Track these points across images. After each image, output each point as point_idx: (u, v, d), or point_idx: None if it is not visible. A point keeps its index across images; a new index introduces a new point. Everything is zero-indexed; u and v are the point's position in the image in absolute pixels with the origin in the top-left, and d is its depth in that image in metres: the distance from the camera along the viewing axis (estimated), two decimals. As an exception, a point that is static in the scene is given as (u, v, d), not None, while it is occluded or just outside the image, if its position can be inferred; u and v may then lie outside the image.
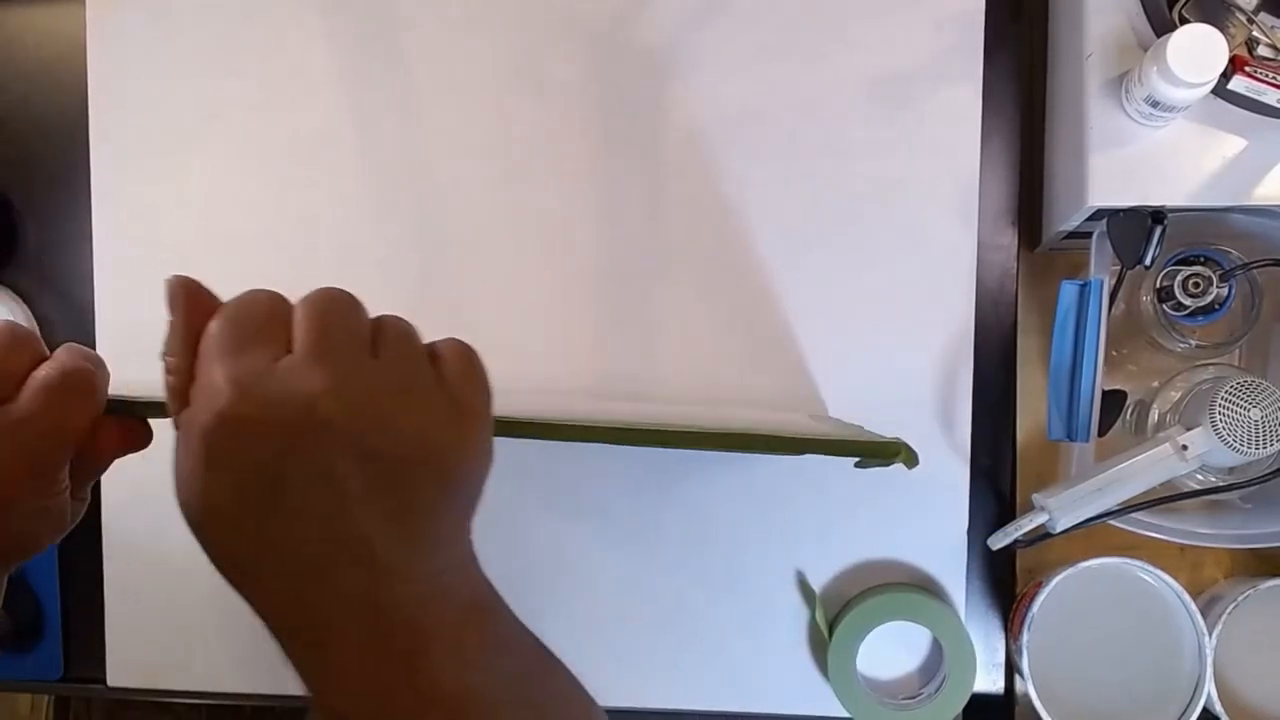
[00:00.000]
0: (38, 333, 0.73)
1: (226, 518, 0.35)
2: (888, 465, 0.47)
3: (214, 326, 0.36)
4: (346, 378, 0.34)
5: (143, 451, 0.42)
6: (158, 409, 0.41)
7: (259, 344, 0.35)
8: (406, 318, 0.38)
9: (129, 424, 0.41)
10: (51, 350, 0.40)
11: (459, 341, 0.39)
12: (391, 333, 0.37)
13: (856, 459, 0.48)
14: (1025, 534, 0.60)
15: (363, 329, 0.36)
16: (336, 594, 0.35)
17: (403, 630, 0.35)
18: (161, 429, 0.42)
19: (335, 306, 0.36)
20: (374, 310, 0.38)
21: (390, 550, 0.35)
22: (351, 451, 0.34)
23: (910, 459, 0.46)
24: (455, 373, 0.37)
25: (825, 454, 0.45)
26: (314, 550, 0.34)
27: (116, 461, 0.42)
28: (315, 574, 0.35)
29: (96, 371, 0.40)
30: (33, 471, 0.38)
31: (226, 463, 0.34)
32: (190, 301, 0.37)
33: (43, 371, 0.38)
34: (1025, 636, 0.62)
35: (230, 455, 0.34)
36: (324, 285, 0.37)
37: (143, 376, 0.43)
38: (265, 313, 0.36)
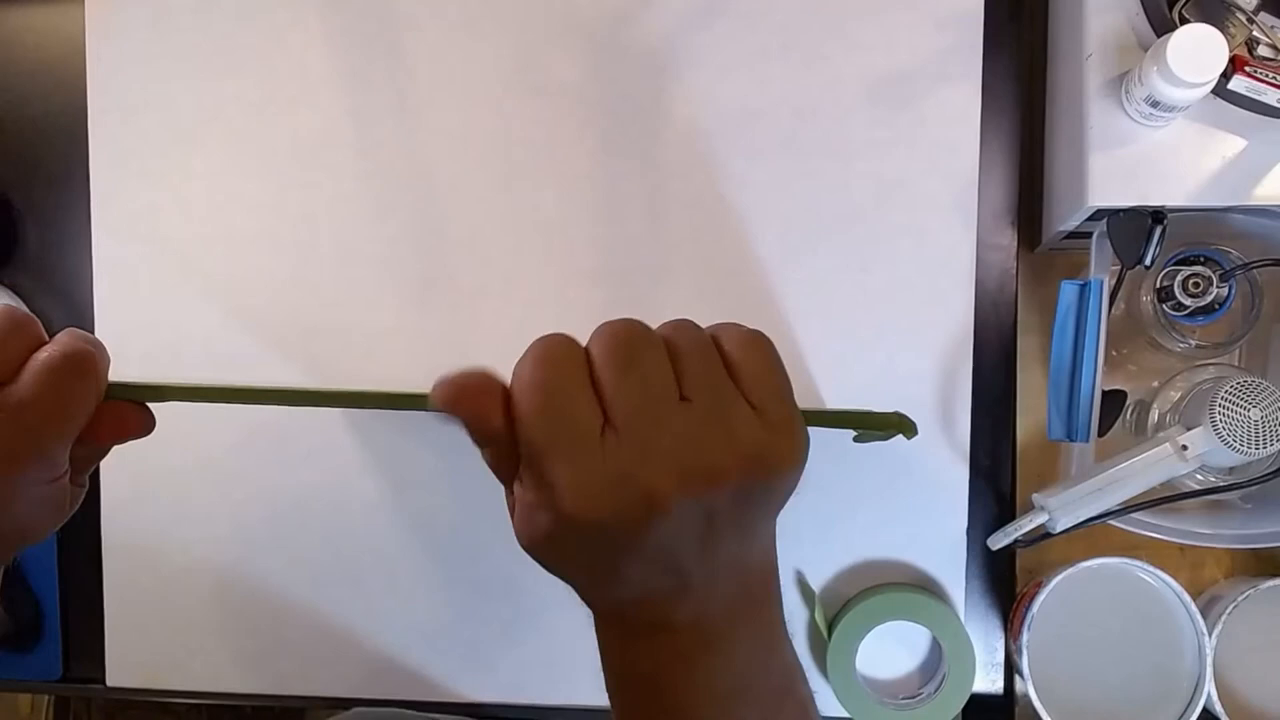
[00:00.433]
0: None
1: (576, 569, 0.38)
2: (887, 439, 0.47)
3: (532, 422, 0.36)
4: (674, 447, 0.35)
5: (142, 451, 0.42)
6: (154, 392, 0.41)
7: (580, 429, 0.35)
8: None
9: (131, 408, 0.41)
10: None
11: (744, 333, 0.38)
12: (691, 362, 0.37)
13: (855, 433, 0.47)
14: (1025, 534, 0.60)
15: (665, 368, 0.36)
16: (667, 612, 0.38)
17: (713, 614, 0.38)
18: (166, 414, 0.41)
19: (636, 354, 0.36)
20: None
21: (716, 559, 0.37)
22: (692, 511, 0.36)
23: (909, 429, 0.46)
24: (758, 385, 0.37)
25: (824, 426, 0.45)
26: (658, 583, 0.37)
27: (116, 460, 0.42)
28: (650, 598, 0.38)
29: (97, 353, 0.40)
30: (35, 453, 0.38)
31: (575, 546, 0.37)
32: (474, 405, 0.37)
33: (44, 353, 0.38)
34: (1025, 636, 0.62)
35: (579, 543, 0.36)
36: (612, 320, 0.37)
37: (143, 375, 0.43)
38: (574, 385, 0.36)
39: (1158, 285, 0.63)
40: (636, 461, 0.35)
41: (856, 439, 0.49)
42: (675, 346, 0.37)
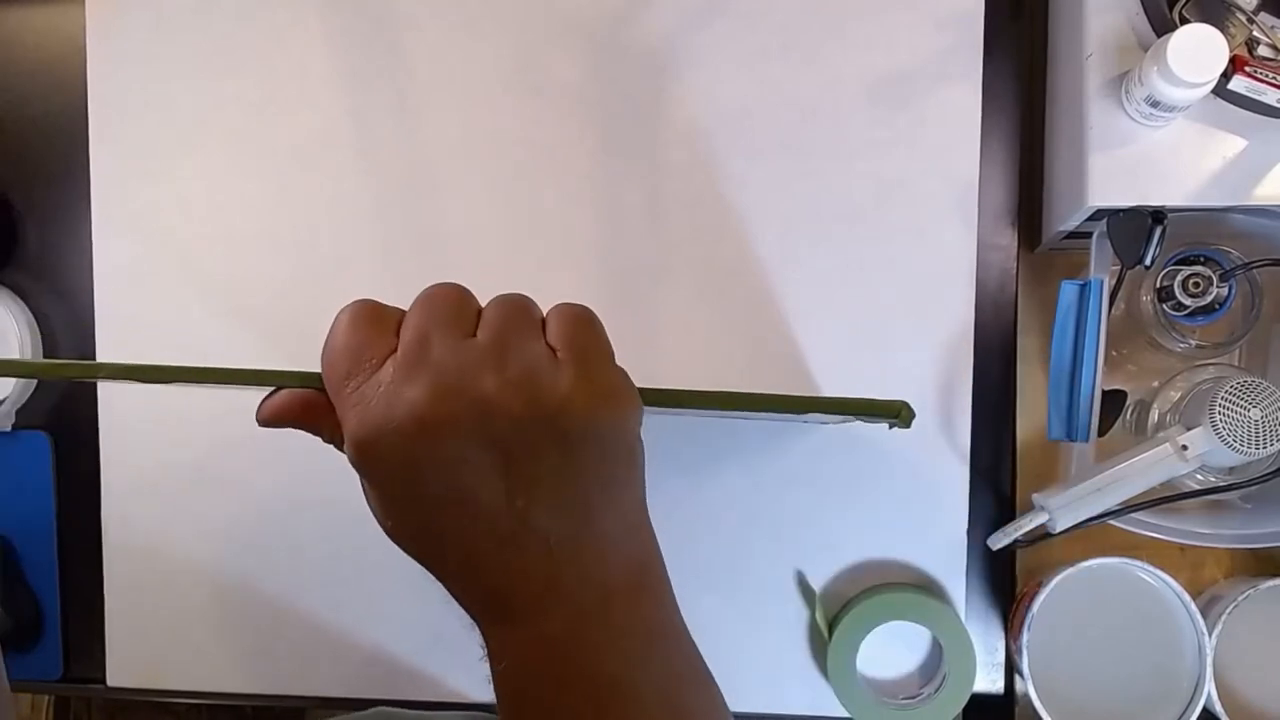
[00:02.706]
0: (37, 331, 0.73)
1: (390, 518, 0.37)
2: (891, 426, 0.47)
3: (325, 367, 0.37)
4: (441, 366, 0.35)
5: (142, 452, 0.42)
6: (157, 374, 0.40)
7: (362, 361, 0.36)
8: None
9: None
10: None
11: (567, 304, 0.39)
12: (491, 309, 0.37)
13: (858, 418, 0.47)
14: (1025, 534, 0.60)
15: (459, 307, 0.37)
16: (504, 570, 0.36)
17: (567, 600, 0.36)
18: (166, 414, 0.41)
19: (434, 295, 0.37)
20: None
21: (541, 523, 0.36)
22: (472, 440, 0.34)
23: (908, 419, 0.46)
24: (561, 334, 0.37)
25: (828, 413, 0.45)
26: (471, 532, 0.36)
27: (116, 460, 0.42)
28: (478, 554, 0.36)
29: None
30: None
31: (370, 477, 0.37)
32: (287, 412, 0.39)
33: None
34: (1025, 636, 0.62)
35: (372, 472, 0.36)
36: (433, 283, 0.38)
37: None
38: (370, 334, 0.37)
39: (1158, 285, 0.63)
40: (401, 380, 0.35)
41: (859, 417, 0.49)
42: (486, 305, 0.38)
